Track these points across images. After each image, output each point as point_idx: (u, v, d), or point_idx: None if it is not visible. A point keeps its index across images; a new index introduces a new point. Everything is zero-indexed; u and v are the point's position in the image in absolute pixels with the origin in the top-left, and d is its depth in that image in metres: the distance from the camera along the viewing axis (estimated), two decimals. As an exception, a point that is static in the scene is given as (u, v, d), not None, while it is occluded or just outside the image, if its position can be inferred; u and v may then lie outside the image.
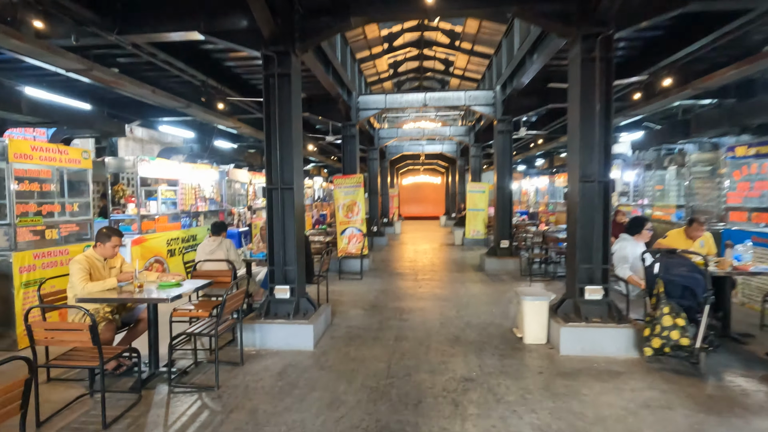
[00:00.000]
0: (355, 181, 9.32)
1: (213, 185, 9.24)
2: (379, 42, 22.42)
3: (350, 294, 7.16)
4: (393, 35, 22.91)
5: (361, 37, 21.25)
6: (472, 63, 23.74)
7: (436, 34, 23.19)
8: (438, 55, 25.22)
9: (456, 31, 21.73)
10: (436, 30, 22.52)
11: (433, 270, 9.40)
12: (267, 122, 4.83)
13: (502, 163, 9.26)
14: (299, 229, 4.98)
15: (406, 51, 25.05)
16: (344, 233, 9.40)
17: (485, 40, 20.43)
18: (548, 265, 8.67)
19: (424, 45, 24.23)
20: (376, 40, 22.20)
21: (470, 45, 21.73)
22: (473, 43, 21.24)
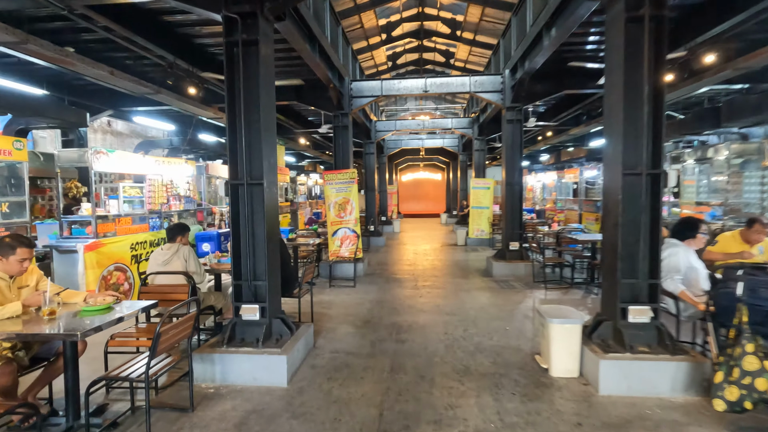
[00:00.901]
0: (348, 177, 8.38)
1: (189, 181, 8.29)
2: (376, 32, 21.42)
3: (340, 306, 6.24)
4: (391, 24, 21.91)
5: (357, 26, 20.28)
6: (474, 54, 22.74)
7: (436, 23, 22.20)
8: (438, 46, 24.22)
9: (457, 20, 20.74)
10: (437, 19, 21.53)
11: (435, 275, 8.48)
12: (230, 101, 3.89)
13: (511, 157, 8.31)
14: (272, 234, 4.05)
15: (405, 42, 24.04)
16: (336, 234, 8.47)
17: (488, 29, 19.43)
18: (561, 268, 7.76)
19: (423, 35, 23.22)
20: (374, 30, 21.21)
21: (472, 35, 20.74)
22: (475, 32, 20.26)
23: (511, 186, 8.34)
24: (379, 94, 8.60)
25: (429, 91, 8.49)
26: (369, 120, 12.92)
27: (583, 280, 7.49)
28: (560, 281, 7.50)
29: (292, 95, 8.77)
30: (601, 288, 4.06)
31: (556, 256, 8.01)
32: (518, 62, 7.54)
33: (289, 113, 11.76)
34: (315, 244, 8.42)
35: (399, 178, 30.03)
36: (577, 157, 16.34)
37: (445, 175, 28.55)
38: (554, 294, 6.71)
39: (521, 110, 8.23)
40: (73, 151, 6.16)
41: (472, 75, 8.45)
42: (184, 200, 7.90)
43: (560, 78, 8.29)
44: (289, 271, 4.97)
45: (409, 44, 24.24)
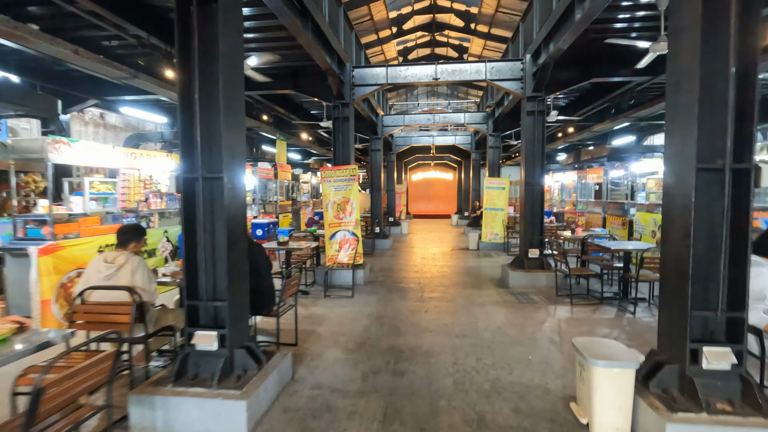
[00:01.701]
0: (348, 174, 7.54)
1: (172, 177, 7.53)
2: (386, 25, 20.55)
3: (333, 321, 5.40)
4: (402, 17, 21.02)
5: (367, 19, 19.45)
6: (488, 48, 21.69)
7: (449, 16, 21.24)
8: (451, 40, 23.24)
9: (471, 12, 19.77)
10: (450, 11, 20.59)
11: (444, 284, 7.59)
12: (182, 73, 3.07)
13: (531, 153, 7.38)
14: (235, 241, 3.22)
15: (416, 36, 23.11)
16: (334, 237, 7.64)
17: (504, 21, 18.41)
18: (588, 280, 6.81)
19: (436, 29, 22.30)
20: (384, 23, 20.34)
21: (487, 27, 19.74)
22: (490, 25, 19.25)
23: (531, 186, 7.41)
24: (384, 82, 7.74)
25: (440, 78, 7.60)
26: (375, 114, 12.07)
27: (613, 294, 6.54)
28: (587, 295, 6.55)
29: (289, 83, 7.96)
30: (659, 318, 3.14)
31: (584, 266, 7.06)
32: (542, 44, 6.62)
33: (289, 105, 10.97)
34: (310, 248, 7.59)
35: (409, 178, 29.15)
36: (598, 156, 15.26)
37: (456, 174, 27.59)
38: (582, 311, 5.77)
39: (543, 101, 7.29)
40: (28, 140, 5.44)
41: (488, 61, 7.53)
42: (166, 198, 7.14)
43: (588, 64, 7.33)
44: (266, 285, 4.14)
45: (421, 38, 23.31)
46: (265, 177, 11.90)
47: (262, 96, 9.11)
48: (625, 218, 9.98)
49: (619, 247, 6.03)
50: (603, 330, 4.98)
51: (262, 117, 10.12)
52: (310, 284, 7.51)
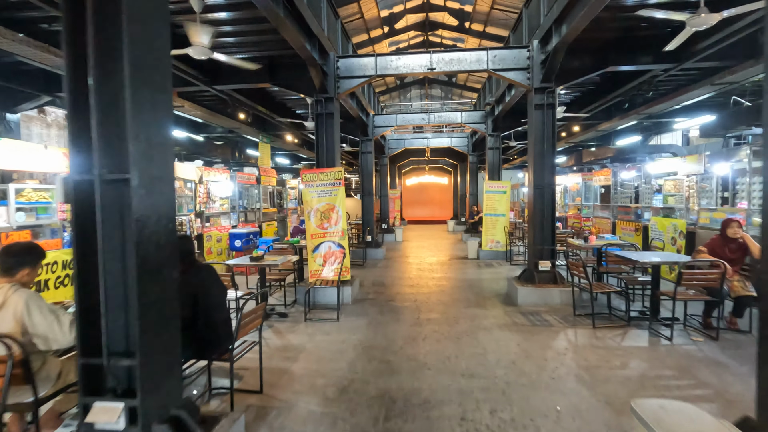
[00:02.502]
0: (333, 177, 6.62)
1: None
2: (378, 24, 19.73)
3: (312, 356, 4.45)
4: (394, 16, 20.24)
5: (357, 17, 18.63)
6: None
7: (443, 15, 20.48)
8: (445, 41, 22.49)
9: (465, 11, 19.05)
10: (443, 10, 19.86)
11: (443, 302, 6.67)
12: (66, 19, 2.14)
13: (540, 152, 6.51)
14: (155, 266, 2.26)
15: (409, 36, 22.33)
16: (317, 250, 6.70)
17: (499, 19, 17.66)
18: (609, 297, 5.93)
19: (429, 28, 21.56)
20: (375, 21, 19.53)
21: (482, 26, 18.99)
22: (485, 23, 18.51)
23: (541, 189, 6.53)
24: (373, 73, 6.85)
25: (436, 68, 6.73)
26: (366, 113, 11.18)
27: (640, 313, 5.65)
28: (610, 314, 5.65)
29: (264, 75, 7.04)
30: (759, 376, 2.22)
31: (600, 280, 6.18)
32: (552, 27, 5.77)
33: (270, 103, 10.04)
34: (291, 263, 6.65)
35: (403, 182, 28.30)
36: (602, 157, 14.48)
37: (451, 178, 26.78)
38: (608, 336, 4.87)
39: (553, 92, 6.44)
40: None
41: (490, 49, 6.68)
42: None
43: (604, 51, 6.50)
44: (218, 319, 3.19)
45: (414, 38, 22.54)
46: (246, 182, 10.94)
47: (237, 91, 8.18)
48: (639, 224, 9.14)
49: (650, 260, 5.14)
50: (641, 364, 4.07)
51: (238, 115, 9.20)
52: (290, 304, 6.55)
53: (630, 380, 3.71)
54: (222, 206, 9.38)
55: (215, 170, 9.00)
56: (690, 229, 7.39)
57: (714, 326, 4.97)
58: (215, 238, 8.92)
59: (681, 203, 7.82)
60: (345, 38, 8.07)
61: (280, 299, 6.82)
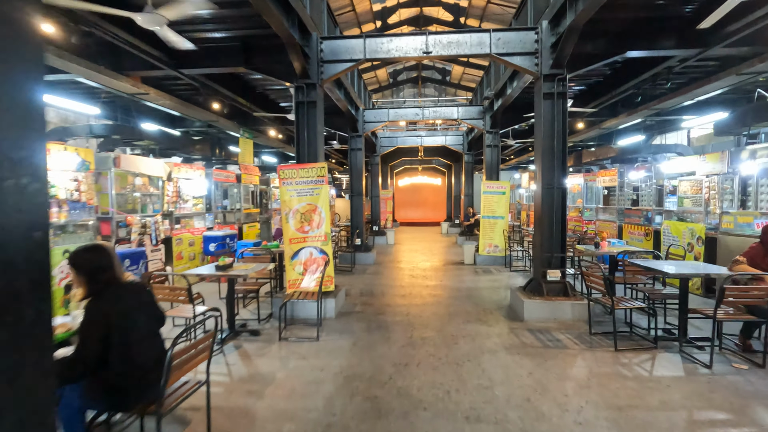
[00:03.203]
0: (315, 174, 5.82)
1: (81, 178, 5.69)
2: (369, 18, 18.96)
3: (282, 390, 3.64)
4: (387, 10, 19.51)
5: (348, 9, 17.86)
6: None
7: (437, 9, 19.82)
8: (439, 37, 21.77)
9: (461, 6, 18.39)
10: (438, 5, 19.20)
11: (439, 315, 5.90)
12: None
13: (550, 148, 5.77)
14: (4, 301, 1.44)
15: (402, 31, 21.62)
16: (297, 257, 5.90)
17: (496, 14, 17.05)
18: (630, 314, 5.21)
19: (423, 23, 20.87)
20: (367, 15, 18.78)
21: (478, 21, 18.31)
22: (481, 18, 17.83)
23: (550, 190, 5.79)
24: (362, 57, 6.06)
25: (432, 52, 5.96)
26: (355, 107, 10.39)
27: (664, 331, 4.93)
28: (631, 333, 4.92)
29: (238, 58, 6.22)
30: None
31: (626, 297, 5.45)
32: (566, 3, 5.04)
33: (250, 93, 9.20)
34: (268, 271, 5.85)
35: (395, 183, 27.56)
36: (603, 157, 13.84)
37: (445, 179, 26.09)
38: (636, 362, 4.13)
39: (564, 81, 5.71)
40: None
41: (493, 31, 5.93)
42: (68, 206, 5.31)
43: (620, 34, 5.79)
44: (142, 359, 2.37)
45: (407, 34, 21.83)
46: (224, 181, 10.07)
47: (212, 78, 7.34)
48: (649, 227, 8.46)
49: (684, 272, 4.40)
50: (684, 402, 3.33)
51: (212, 106, 8.35)
52: (266, 318, 5.74)
53: (677, 428, 2.97)
54: (195, 206, 8.53)
55: (187, 167, 8.16)
56: (710, 235, 6.71)
57: (754, 349, 4.28)
58: (186, 241, 8.06)
59: (699, 205, 7.14)
60: (331, 21, 7.28)
61: (254, 312, 6.00)
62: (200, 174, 8.51)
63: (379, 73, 26.18)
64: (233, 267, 5.07)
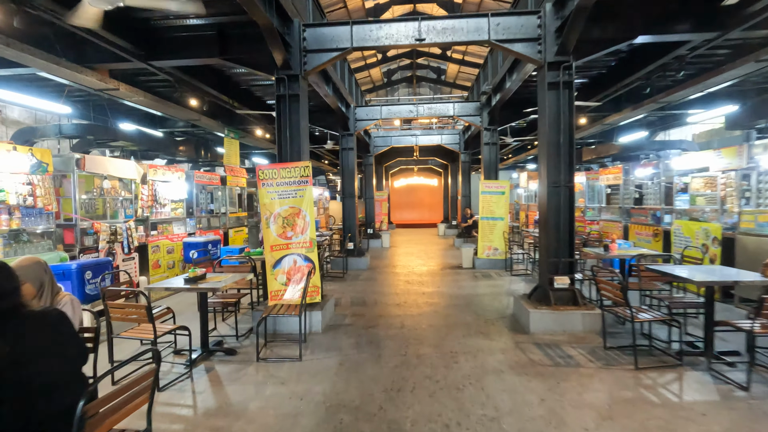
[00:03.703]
0: (299, 174, 5.29)
1: (36, 182, 5.12)
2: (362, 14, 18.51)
3: (249, 428, 3.09)
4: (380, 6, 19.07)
5: (340, 6, 17.36)
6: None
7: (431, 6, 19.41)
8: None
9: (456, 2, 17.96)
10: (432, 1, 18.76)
11: (437, 327, 5.37)
12: None
13: (556, 143, 5.26)
14: None
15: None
16: (279, 265, 5.36)
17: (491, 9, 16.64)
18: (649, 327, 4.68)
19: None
20: (359, 12, 18.29)
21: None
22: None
23: (556, 188, 5.28)
24: (348, 45, 5.54)
25: (425, 39, 5.45)
26: (346, 105, 9.87)
27: (688, 345, 4.42)
28: (651, 348, 4.41)
29: (213, 48, 5.68)
30: None
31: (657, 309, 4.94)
32: (574, -19, 4.54)
33: (232, 89, 8.64)
34: (246, 282, 5.32)
35: (391, 184, 27.05)
36: (605, 155, 13.38)
37: (441, 180, 25.60)
38: (661, 383, 3.61)
39: (570, 69, 5.20)
40: None
41: (492, 15, 5.42)
42: (20, 212, 4.74)
43: (631, 17, 5.29)
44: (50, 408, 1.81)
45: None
46: (207, 183, 9.51)
47: (188, 72, 6.77)
48: (658, 227, 7.98)
49: (714, 279, 3.89)
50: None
51: (190, 103, 7.78)
52: (245, 334, 5.18)
53: (725, 474, 2.45)
54: (175, 211, 7.96)
55: (165, 168, 7.59)
56: (726, 235, 6.22)
57: (792, 366, 3.78)
58: (164, 248, 7.50)
59: (714, 203, 6.66)
60: (317, 11, 6.76)
61: (231, 328, 5.45)
62: (180, 176, 7.95)
63: (372, 72, 25.69)
64: (206, 279, 4.53)
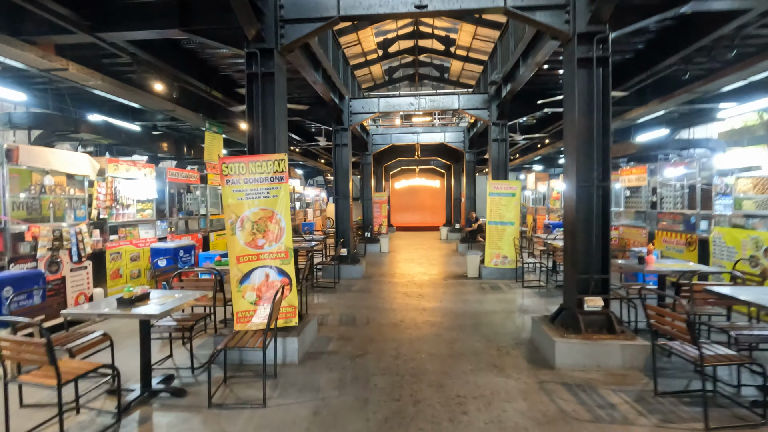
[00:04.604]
0: (272, 170, 4.33)
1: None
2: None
3: None
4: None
5: None
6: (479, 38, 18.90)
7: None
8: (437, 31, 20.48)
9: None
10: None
11: (439, 357, 4.39)
12: None
13: (588, 130, 4.29)
14: None
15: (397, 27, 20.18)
16: (247, 280, 4.39)
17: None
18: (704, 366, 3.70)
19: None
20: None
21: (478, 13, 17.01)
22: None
23: (587, 188, 4.31)
24: (335, 14, 4.58)
25: (428, 7, 4.48)
26: (339, 96, 8.92)
27: (758, 389, 3.43)
28: (713, 393, 3.41)
29: (173, 18, 4.71)
30: None
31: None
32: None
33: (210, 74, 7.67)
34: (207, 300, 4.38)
35: (391, 185, 26.10)
36: (621, 155, 12.41)
37: (444, 181, 24.63)
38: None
39: (606, 41, 4.24)
40: None
41: (508, -22, 4.46)
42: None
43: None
44: None
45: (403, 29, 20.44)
46: (183, 182, 8.55)
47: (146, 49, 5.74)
48: (693, 235, 6.98)
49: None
50: None
51: (153, 87, 6.80)
52: (201, 367, 4.20)
53: None
54: (142, 212, 7.01)
55: (129, 163, 6.63)
56: (784, 246, 5.24)
57: None
58: (128, 255, 6.54)
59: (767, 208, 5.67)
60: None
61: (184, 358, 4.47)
62: (148, 173, 7.00)
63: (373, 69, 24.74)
64: (148, 300, 3.57)
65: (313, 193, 20.71)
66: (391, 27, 19.80)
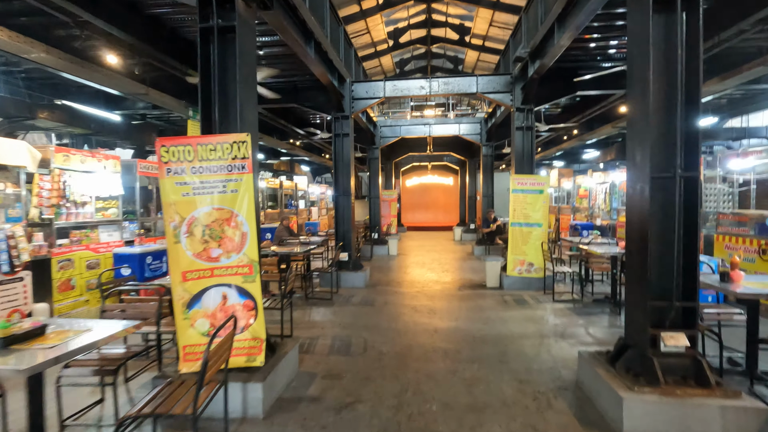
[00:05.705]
0: (229, 156, 3.20)
1: None
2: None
3: None
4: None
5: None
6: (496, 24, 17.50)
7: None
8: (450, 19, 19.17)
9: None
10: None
11: (455, 411, 3.21)
12: None
13: (663, 101, 3.06)
14: None
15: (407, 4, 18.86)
16: (198, 304, 3.27)
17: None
18: None
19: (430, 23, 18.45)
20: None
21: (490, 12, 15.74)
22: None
23: (665, 181, 3.08)
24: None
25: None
26: (340, 79, 7.77)
27: None
28: None
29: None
30: None
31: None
32: None
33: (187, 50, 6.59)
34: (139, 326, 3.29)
35: (402, 183, 24.92)
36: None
37: (458, 179, 23.34)
38: None
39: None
40: None
41: None
42: None
43: None
44: None
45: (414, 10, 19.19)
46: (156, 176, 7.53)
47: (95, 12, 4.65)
48: (766, 241, 5.66)
49: None
50: None
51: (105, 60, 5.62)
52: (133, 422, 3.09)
53: None
54: (104, 212, 5.98)
55: (85, 154, 5.59)
56: None
57: None
58: (83, 263, 5.51)
59: None
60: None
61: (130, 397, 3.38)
62: (111, 165, 5.96)
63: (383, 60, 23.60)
64: (45, 336, 2.48)
65: (319, 191, 19.63)
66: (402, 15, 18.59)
